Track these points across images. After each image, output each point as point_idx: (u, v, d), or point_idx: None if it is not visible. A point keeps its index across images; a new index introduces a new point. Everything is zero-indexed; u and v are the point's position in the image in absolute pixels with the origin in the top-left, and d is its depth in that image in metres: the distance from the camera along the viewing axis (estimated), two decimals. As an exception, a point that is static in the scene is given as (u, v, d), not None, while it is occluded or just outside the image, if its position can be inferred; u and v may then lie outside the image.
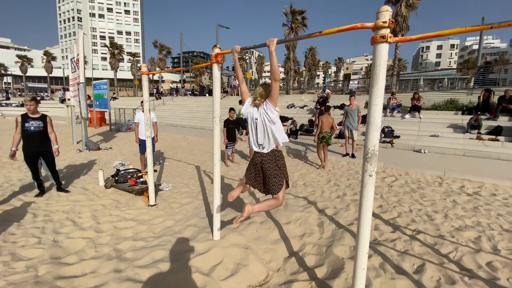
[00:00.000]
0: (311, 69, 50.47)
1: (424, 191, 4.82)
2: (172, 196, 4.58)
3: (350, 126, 7.34)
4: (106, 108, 13.38)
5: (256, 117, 2.48)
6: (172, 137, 12.06)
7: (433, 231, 3.27)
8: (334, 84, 34.09)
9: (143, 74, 3.82)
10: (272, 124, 2.40)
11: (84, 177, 5.58)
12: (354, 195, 4.58)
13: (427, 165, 6.55)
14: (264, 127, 2.44)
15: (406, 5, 18.69)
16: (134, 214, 3.81)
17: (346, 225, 3.44)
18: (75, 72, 8.87)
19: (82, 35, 8.34)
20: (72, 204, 4.10)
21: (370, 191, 1.69)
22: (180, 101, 23.41)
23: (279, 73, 2.36)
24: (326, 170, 6.30)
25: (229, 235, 3.06)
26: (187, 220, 3.59)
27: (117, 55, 41.38)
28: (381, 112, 1.66)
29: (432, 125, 9.61)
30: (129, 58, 53.62)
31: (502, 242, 3.02)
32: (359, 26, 1.63)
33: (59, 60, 68.52)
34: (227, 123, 6.74)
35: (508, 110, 8.70)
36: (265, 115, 2.41)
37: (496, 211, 3.93)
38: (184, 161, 7.40)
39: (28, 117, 4.23)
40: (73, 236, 3.13)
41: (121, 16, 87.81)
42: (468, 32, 1.54)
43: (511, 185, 5.13)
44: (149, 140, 4.04)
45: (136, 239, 3.09)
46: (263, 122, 2.43)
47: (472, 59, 48.97)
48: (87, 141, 8.66)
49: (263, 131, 2.45)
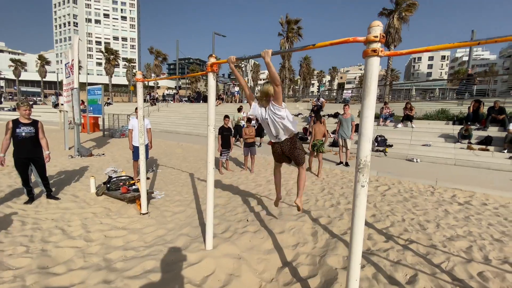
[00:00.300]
0: (306, 78, 51.15)
1: (416, 200, 4.86)
2: (165, 204, 4.52)
3: (344, 134, 7.41)
4: (100, 113, 13.26)
5: (266, 117, 2.88)
6: (166, 144, 11.98)
7: (426, 241, 3.29)
8: (329, 93, 34.57)
9: (138, 81, 3.82)
10: (282, 119, 2.80)
11: (75, 184, 5.47)
12: (348, 204, 4.59)
13: (419, 174, 6.64)
14: (275, 123, 2.85)
15: (398, 18, 19.23)
16: (125, 223, 3.74)
17: (339, 234, 3.43)
18: (69, 77, 8.82)
19: (77, 40, 8.33)
20: (62, 212, 4.01)
21: (362, 201, 1.71)
22: (175, 108, 23.36)
23: (279, 78, 2.65)
24: (320, 178, 6.32)
25: (222, 244, 3.02)
26: (179, 229, 3.54)
27: (112, 60, 41.27)
28: (372, 123, 1.69)
29: (424, 135, 9.77)
30: (125, 64, 53.55)
31: (493, 252, 3.05)
32: (351, 40, 1.67)
33: (54, 64, 68.00)
34: (221, 131, 6.74)
35: (498, 120, 8.92)
36: (274, 114, 2.80)
37: (487, 221, 3.98)
38: (177, 168, 7.34)
39: (20, 123, 4.17)
40: (62, 245, 3.05)
41: (117, 22, 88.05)
42: (457, 48, 1.60)
43: (501, 195, 5.22)
44: (142, 147, 4.00)
45: (127, 249, 3.03)
46: (273, 120, 2.84)
47: (462, 70, 50.39)
48: (79, 147, 8.54)
49: (275, 126, 2.87)
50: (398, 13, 19.18)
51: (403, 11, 19.05)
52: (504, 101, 10.98)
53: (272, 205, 4.44)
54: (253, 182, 5.96)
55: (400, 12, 19.13)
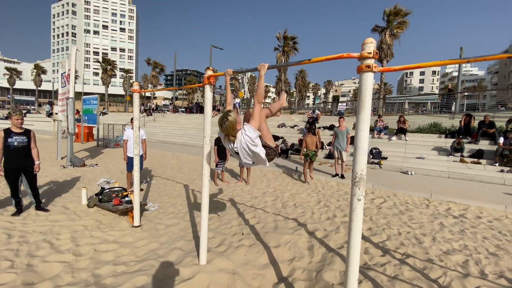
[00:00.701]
0: (302, 90, 51.98)
1: (412, 213, 4.86)
2: (158, 217, 4.42)
3: (339, 147, 7.46)
4: (95, 123, 13.18)
5: (235, 146, 2.16)
6: (161, 154, 11.87)
7: (422, 255, 3.26)
8: (324, 105, 35.04)
9: (135, 92, 3.82)
10: (254, 146, 2.10)
11: (66, 195, 5.34)
12: (344, 216, 4.56)
13: (414, 187, 6.67)
14: (247, 151, 2.14)
15: (390, 34, 19.89)
16: (116, 236, 3.64)
17: (336, 248, 3.39)
18: (65, 86, 8.79)
19: (75, 51, 8.37)
20: (51, 225, 3.88)
21: (359, 215, 1.69)
22: (171, 118, 23.35)
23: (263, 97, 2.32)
24: (313, 187, 6.32)
25: (216, 259, 2.95)
26: (172, 242, 3.45)
27: (109, 71, 41.48)
28: (367, 137, 1.70)
29: (418, 147, 9.90)
30: (122, 74, 53.83)
31: (489, 266, 3.04)
32: (346, 56, 1.71)
33: (50, 73, 67.90)
34: (217, 142, 6.72)
35: (488, 134, 9.11)
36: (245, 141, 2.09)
37: (482, 234, 3.99)
38: (172, 179, 7.25)
39: (12, 132, 4.10)
40: (49, 260, 2.93)
41: (116, 33, 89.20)
42: (447, 65, 1.65)
43: (495, 208, 5.26)
44: (137, 157, 3.96)
45: (117, 264, 2.92)
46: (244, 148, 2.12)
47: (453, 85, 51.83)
48: (72, 157, 8.40)
49: (247, 154, 2.17)
50: (390, 30, 19.86)
51: (395, 28, 19.75)
52: (493, 115, 11.28)
53: (268, 218, 4.39)
54: (249, 194, 5.90)
55: (392, 29, 19.81)
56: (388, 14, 19.68)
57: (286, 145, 11.78)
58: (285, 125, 15.40)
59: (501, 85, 49.27)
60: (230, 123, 2.05)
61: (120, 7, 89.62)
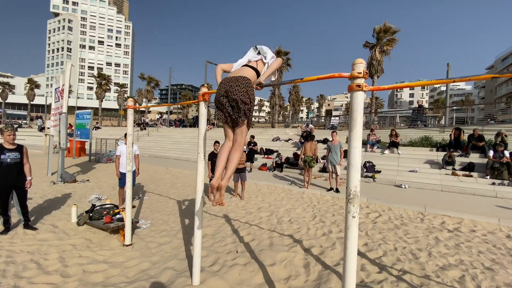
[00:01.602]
0: (295, 104, 52.63)
1: (407, 228, 4.85)
2: (150, 235, 4.31)
3: (333, 161, 7.51)
4: (88, 138, 13.04)
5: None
6: (154, 169, 11.72)
7: (419, 271, 3.23)
8: (317, 119, 35.51)
9: (129, 108, 3.83)
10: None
11: (55, 213, 5.18)
12: (340, 232, 4.52)
13: (408, 200, 6.69)
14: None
15: (380, 51, 20.60)
16: (106, 256, 3.52)
17: (332, 265, 3.33)
18: (58, 101, 8.75)
19: (69, 66, 8.40)
20: (39, 244, 3.74)
21: (354, 233, 1.69)
22: (165, 132, 23.27)
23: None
24: (308, 202, 6.31)
25: (210, 279, 2.86)
26: (164, 262, 3.35)
27: (104, 85, 41.54)
28: (360, 154, 1.73)
29: (410, 161, 10.03)
30: (116, 89, 53.91)
31: (485, 282, 3.02)
32: (337, 76, 1.76)
33: (43, 88, 67.59)
34: (211, 156, 6.70)
35: (478, 147, 9.32)
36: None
37: (477, 248, 3.98)
38: (165, 195, 7.12)
39: (4, 148, 4.03)
40: (36, 282, 2.81)
41: (111, 49, 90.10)
42: (434, 84, 1.71)
43: (488, 221, 5.29)
44: (129, 174, 3.90)
45: (107, 285, 2.81)
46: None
47: (441, 99, 53.50)
48: (62, 173, 8.23)
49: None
50: (380, 46, 20.59)
51: (384, 45, 20.49)
52: (482, 128, 11.58)
53: (263, 234, 4.32)
54: (243, 210, 5.82)
55: (382, 46, 20.55)
56: (377, 32, 20.46)
57: (281, 158, 11.79)
58: (279, 139, 15.49)
59: (488, 99, 51.05)
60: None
61: (117, 24, 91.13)
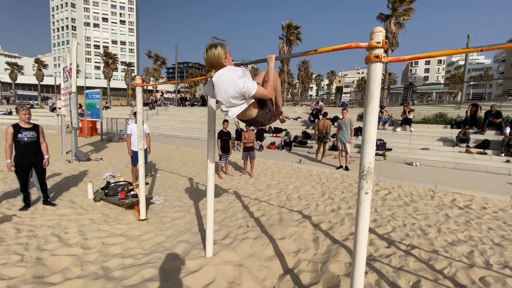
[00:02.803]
0: (304, 82, 51.38)
1: (417, 205, 4.85)
2: (164, 210, 4.46)
3: (343, 139, 7.41)
4: (98, 117, 13.22)
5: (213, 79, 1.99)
6: (165, 148, 11.92)
7: (427, 246, 3.27)
8: (327, 97, 34.69)
9: (137, 86, 3.79)
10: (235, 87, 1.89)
11: (72, 190, 5.41)
12: (349, 208, 4.57)
13: (419, 178, 6.63)
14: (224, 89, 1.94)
15: (396, 23, 19.41)
16: (123, 229, 3.69)
17: (341, 240, 3.40)
18: (67, 81, 8.77)
19: (75, 44, 8.31)
20: (59, 219, 3.94)
21: (366, 208, 1.68)
22: (174, 112, 23.34)
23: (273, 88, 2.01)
24: (317, 179, 6.31)
25: (222, 251, 2.98)
26: (178, 235, 3.49)
27: (111, 64, 41.32)
28: (375, 130, 1.67)
29: (423, 138, 9.80)
30: (123, 68, 53.51)
31: (493, 257, 3.03)
32: (354, 46, 1.66)
33: (51, 68, 67.83)
34: (220, 135, 6.72)
35: (495, 124, 8.97)
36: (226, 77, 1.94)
37: (487, 225, 3.97)
38: (176, 172, 7.29)
39: (21, 128, 4.13)
40: (58, 253, 2.99)
41: (116, 26, 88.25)
42: (459, 54, 1.59)
43: (500, 198, 5.22)
44: (141, 152, 3.97)
45: (125, 256, 2.97)
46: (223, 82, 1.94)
47: (459, 74, 50.90)
48: (76, 152, 8.47)
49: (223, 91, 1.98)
50: (395, 17, 19.37)
51: (401, 15, 19.24)
52: (500, 104, 11.07)
53: (272, 210, 4.41)
54: (253, 187, 5.92)
55: (397, 17, 19.32)
56: (393, 2, 19.15)
57: (290, 137, 11.73)
58: (288, 118, 15.31)
59: (508, 74, 48.21)
60: (213, 54, 1.85)
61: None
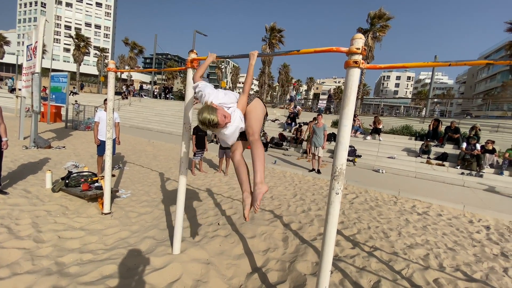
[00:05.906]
0: (284, 85, 52.21)
1: (381, 209, 5.12)
2: (130, 204, 4.25)
3: (316, 143, 7.62)
4: (64, 103, 12.25)
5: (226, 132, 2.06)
6: (136, 140, 11.39)
7: (388, 248, 3.45)
8: (305, 102, 35.52)
9: (110, 71, 3.58)
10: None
11: (28, 178, 4.94)
12: (318, 210, 4.69)
13: (384, 184, 7.02)
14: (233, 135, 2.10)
15: (373, 37, 20.47)
16: (84, 223, 3.44)
17: (309, 240, 3.48)
18: (30, 60, 8.05)
19: (43, 21, 7.65)
20: (10, 208, 3.57)
21: (336, 208, 1.72)
22: (149, 103, 22.40)
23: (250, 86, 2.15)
24: (289, 181, 6.42)
25: (190, 248, 2.89)
26: (144, 231, 3.33)
27: (82, 48, 38.62)
28: (349, 133, 1.72)
29: (390, 148, 10.41)
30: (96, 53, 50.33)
31: (447, 260, 3.29)
32: (335, 50, 1.70)
33: (14, 45, 61.74)
34: (196, 130, 6.56)
35: (453, 139, 9.80)
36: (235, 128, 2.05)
37: (442, 230, 4.30)
38: (147, 166, 6.99)
39: None
40: (6, 246, 2.70)
41: (91, 8, 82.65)
42: (432, 66, 1.70)
43: (454, 207, 5.69)
44: (109, 141, 3.73)
45: (83, 252, 2.77)
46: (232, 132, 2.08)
47: (424, 91, 55.09)
48: (36, 137, 7.78)
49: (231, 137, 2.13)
50: (373, 32, 20.43)
51: (378, 31, 20.34)
52: (459, 122, 12.12)
53: (244, 209, 4.39)
54: (227, 185, 5.85)
55: (375, 32, 20.39)
56: (372, 17, 20.19)
57: (266, 138, 11.82)
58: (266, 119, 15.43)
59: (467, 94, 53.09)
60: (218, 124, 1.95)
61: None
